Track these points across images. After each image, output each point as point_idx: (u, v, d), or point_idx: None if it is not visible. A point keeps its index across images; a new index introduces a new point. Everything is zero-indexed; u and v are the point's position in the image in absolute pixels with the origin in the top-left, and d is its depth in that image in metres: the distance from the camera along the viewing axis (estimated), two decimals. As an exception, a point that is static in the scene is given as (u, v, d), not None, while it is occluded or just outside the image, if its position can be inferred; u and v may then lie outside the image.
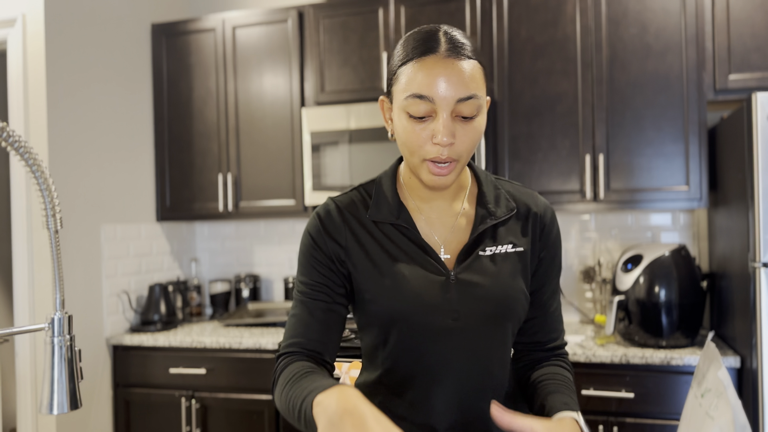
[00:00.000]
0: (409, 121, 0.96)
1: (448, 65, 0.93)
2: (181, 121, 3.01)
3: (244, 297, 3.14)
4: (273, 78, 2.86)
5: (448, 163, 0.96)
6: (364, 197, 1.09)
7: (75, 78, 2.63)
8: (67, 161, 2.57)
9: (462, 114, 0.94)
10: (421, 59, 0.95)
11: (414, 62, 0.95)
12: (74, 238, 2.60)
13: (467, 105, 0.94)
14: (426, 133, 0.95)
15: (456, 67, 0.93)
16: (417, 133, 0.96)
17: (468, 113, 0.95)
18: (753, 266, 1.98)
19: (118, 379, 2.75)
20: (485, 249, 1.04)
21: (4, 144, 0.76)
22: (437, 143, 0.94)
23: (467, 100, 0.94)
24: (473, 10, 2.58)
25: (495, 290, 1.01)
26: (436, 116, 0.94)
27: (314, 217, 1.09)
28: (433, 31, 0.97)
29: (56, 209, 0.82)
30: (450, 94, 0.93)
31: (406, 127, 0.97)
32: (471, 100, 0.94)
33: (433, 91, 0.93)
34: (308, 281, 1.06)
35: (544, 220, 1.09)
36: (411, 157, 0.99)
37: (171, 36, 3.03)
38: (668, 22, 2.39)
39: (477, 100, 0.95)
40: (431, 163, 0.96)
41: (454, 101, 0.93)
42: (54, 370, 0.84)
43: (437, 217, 1.07)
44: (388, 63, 1.03)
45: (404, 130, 0.97)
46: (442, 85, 0.93)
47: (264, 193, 2.88)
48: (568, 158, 2.49)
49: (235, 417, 2.57)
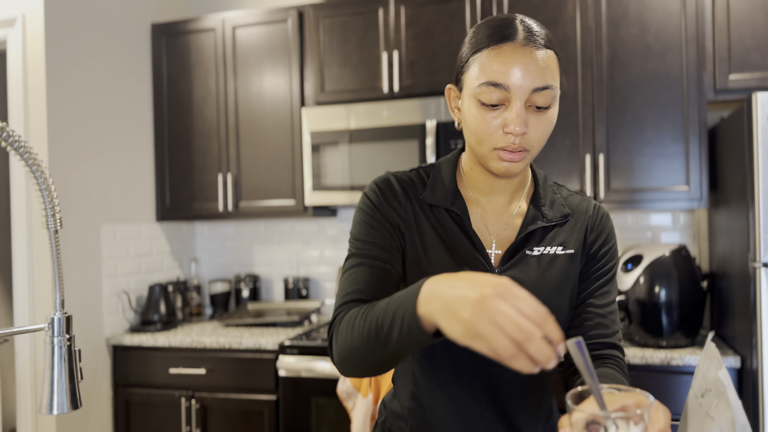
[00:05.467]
0: (480, 109, 0.94)
1: (525, 54, 0.91)
2: (181, 121, 3.01)
3: (244, 297, 3.14)
4: (273, 78, 2.86)
5: (519, 153, 0.94)
6: (422, 178, 1.07)
7: (75, 78, 2.63)
8: (67, 161, 2.57)
9: (536, 104, 0.92)
10: (497, 47, 0.93)
11: (489, 50, 0.93)
12: (74, 238, 2.60)
13: (542, 95, 0.92)
14: (498, 121, 0.93)
15: (533, 56, 0.92)
16: (488, 121, 0.93)
17: (542, 103, 0.93)
18: (753, 266, 1.98)
19: (118, 379, 2.75)
20: (533, 249, 1.02)
21: (4, 144, 0.75)
22: (509, 132, 0.92)
23: (542, 90, 0.92)
24: (473, 10, 2.58)
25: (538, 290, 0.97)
26: (510, 105, 0.92)
27: (373, 186, 1.05)
28: (509, 19, 0.96)
29: (56, 209, 0.81)
30: (526, 83, 0.91)
31: (477, 115, 0.94)
32: (546, 90, 0.92)
33: (509, 79, 0.91)
34: (365, 239, 1.01)
35: (599, 223, 1.07)
36: (479, 146, 0.96)
37: (171, 36, 3.02)
38: (668, 22, 2.39)
39: (552, 90, 0.93)
40: (502, 151, 0.94)
41: (529, 90, 0.91)
42: (54, 370, 0.84)
43: (493, 212, 1.05)
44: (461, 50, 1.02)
45: (474, 118, 0.95)
46: (518, 74, 0.91)
47: (264, 193, 2.88)
48: (568, 158, 2.49)
49: (235, 417, 2.57)
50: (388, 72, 2.68)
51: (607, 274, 1.06)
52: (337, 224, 3.16)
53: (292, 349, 2.46)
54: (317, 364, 2.38)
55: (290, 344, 2.46)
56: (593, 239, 1.06)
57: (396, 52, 2.66)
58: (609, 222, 1.08)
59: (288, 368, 2.43)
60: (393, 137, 2.59)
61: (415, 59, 2.65)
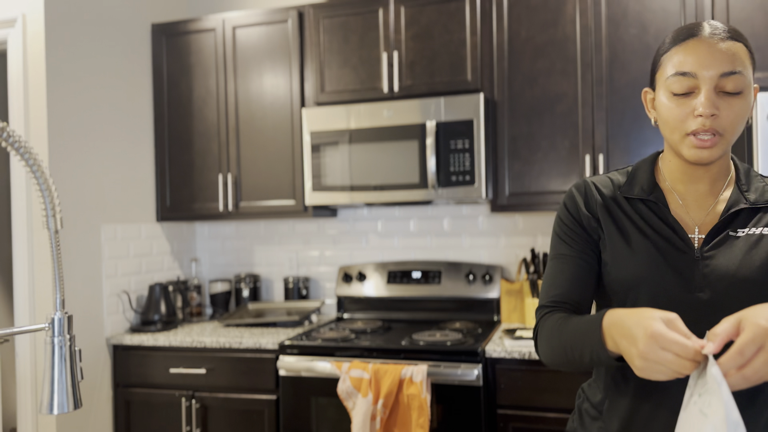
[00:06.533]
0: (671, 99, 1.02)
1: (710, 44, 0.99)
2: (181, 121, 3.01)
3: (244, 297, 3.14)
4: (273, 78, 2.86)
5: (712, 136, 0.98)
6: (620, 177, 1.16)
7: (75, 78, 2.63)
8: (67, 161, 2.57)
9: (725, 89, 0.98)
10: (685, 42, 1.02)
11: (677, 46, 1.02)
12: (74, 238, 2.60)
13: (731, 80, 0.98)
14: (688, 108, 1.00)
15: (718, 45, 0.99)
16: (679, 108, 1.00)
17: (731, 89, 0.98)
18: (753, 266, 1.98)
19: (118, 379, 2.75)
20: (737, 231, 1.04)
21: (5, 144, 0.76)
22: (699, 115, 0.97)
23: (730, 75, 0.97)
24: (473, 10, 2.59)
25: (744, 270, 1.00)
26: (699, 91, 0.99)
27: (569, 191, 1.18)
28: (697, 22, 1.04)
29: (56, 209, 0.82)
30: (712, 69, 0.97)
31: (669, 105, 1.02)
32: (734, 75, 0.98)
33: (695, 66, 0.98)
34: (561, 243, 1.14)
35: None
36: (672, 134, 1.03)
37: (171, 36, 3.03)
38: (668, 23, 2.39)
39: (741, 76, 0.98)
40: (693, 137, 0.99)
41: (717, 76, 0.97)
42: (54, 370, 0.84)
43: (694, 200, 1.09)
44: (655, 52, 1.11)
45: (667, 108, 1.03)
46: (704, 61, 0.98)
47: (264, 193, 2.88)
48: (568, 158, 2.50)
49: (235, 417, 2.57)
50: (388, 72, 2.68)
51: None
52: (338, 224, 3.16)
53: (292, 348, 2.46)
54: (317, 364, 2.38)
55: (290, 344, 2.46)
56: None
57: (396, 53, 2.67)
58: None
59: (288, 368, 2.44)
60: (393, 137, 2.60)
61: (415, 59, 2.66)
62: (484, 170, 2.51)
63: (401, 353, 2.32)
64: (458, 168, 2.52)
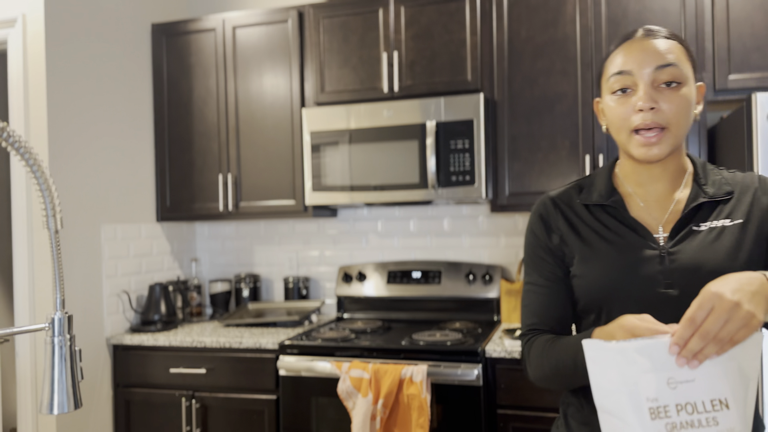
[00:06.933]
0: (614, 99, 1.06)
1: (644, 42, 1.04)
2: (181, 121, 3.01)
3: (244, 297, 3.14)
4: (273, 78, 2.86)
5: (655, 131, 1.02)
6: (580, 186, 1.19)
7: (75, 78, 2.63)
8: (67, 161, 2.58)
9: (663, 81, 1.02)
10: (621, 45, 1.07)
11: (616, 50, 1.08)
12: (74, 238, 2.60)
13: (665, 72, 1.02)
14: (629, 105, 1.04)
15: (652, 43, 1.04)
16: (622, 107, 1.05)
17: (667, 79, 1.02)
18: (753, 266, 1.98)
19: (119, 379, 2.75)
20: (699, 225, 1.06)
21: (5, 144, 0.76)
22: (639, 109, 1.01)
23: (665, 68, 1.02)
24: (473, 10, 2.59)
25: (710, 262, 1.02)
26: (637, 88, 1.03)
27: (531, 214, 1.20)
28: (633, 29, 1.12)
29: (56, 209, 0.82)
30: (647, 64, 1.02)
31: (612, 105, 1.07)
32: (669, 67, 1.02)
33: (631, 64, 1.03)
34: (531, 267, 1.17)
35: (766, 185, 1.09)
36: (619, 133, 1.07)
37: (171, 36, 3.03)
38: (668, 23, 2.39)
39: (676, 68, 1.02)
40: (639, 136, 1.03)
41: (652, 70, 1.02)
42: (54, 370, 0.84)
43: (655, 200, 1.11)
44: None
45: (610, 108, 1.07)
46: (638, 57, 1.03)
47: (264, 193, 2.88)
48: (568, 158, 2.50)
49: (235, 417, 2.57)
50: (388, 72, 2.68)
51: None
52: (338, 224, 3.17)
53: (292, 348, 2.46)
54: (317, 364, 2.38)
55: (290, 344, 2.47)
56: None
57: (396, 53, 2.67)
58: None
59: (288, 368, 2.44)
60: (393, 137, 2.60)
61: (415, 59, 2.66)
62: (484, 170, 2.51)
63: (401, 353, 2.32)
64: (458, 168, 2.52)
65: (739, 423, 0.81)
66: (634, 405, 0.82)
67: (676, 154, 1.09)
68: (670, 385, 0.83)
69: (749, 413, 0.86)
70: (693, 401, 0.82)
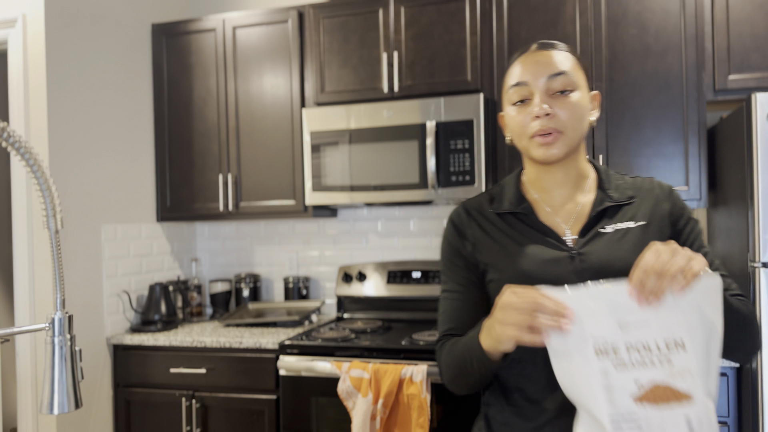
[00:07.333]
0: (513, 109, 1.13)
1: (538, 54, 1.12)
2: (182, 121, 3.01)
3: (244, 297, 3.15)
4: (273, 78, 2.86)
5: (552, 135, 1.08)
6: (491, 195, 1.24)
7: (75, 78, 2.64)
8: (67, 161, 2.58)
9: (556, 89, 1.09)
10: (517, 59, 1.14)
11: (513, 64, 1.15)
12: (75, 238, 2.60)
13: (558, 80, 1.09)
14: (527, 114, 1.10)
15: (545, 54, 1.11)
16: (521, 116, 1.11)
17: (560, 87, 1.09)
18: (753, 266, 1.98)
19: (119, 379, 2.75)
20: (605, 227, 1.13)
21: (5, 144, 0.76)
22: (536, 115, 1.08)
23: (557, 76, 1.09)
24: (473, 11, 2.59)
25: (618, 261, 1.07)
26: (534, 97, 1.10)
27: (447, 222, 1.25)
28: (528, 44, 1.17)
29: (57, 209, 0.82)
30: (540, 74, 1.09)
31: (512, 114, 1.13)
32: (561, 75, 1.09)
33: (527, 75, 1.10)
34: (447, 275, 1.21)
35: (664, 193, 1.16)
36: (520, 140, 1.13)
37: (171, 36, 3.03)
38: (668, 23, 2.39)
39: (568, 76, 1.09)
40: (536, 138, 1.09)
41: (545, 78, 1.09)
42: (54, 370, 0.84)
43: (561, 205, 1.17)
44: None
45: (511, 118, 1.14)
46: (533, 68, 1.10)
47: (264, 193, 2.88)
48: (568, 158, 2.49)
49: (236, 417, 2.57)
50: (388, 72, 2.68)
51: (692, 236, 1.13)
52: (338, 224, 3.17)
53: (292, 348, 2.46)
54: (317, 364, 2.38)
55: (290, 344, 2.47)
56: (669, 207, 1.15)
57: (396, 53, 2.67)
58: (677, 196, 1.17)
59: (288, 368, 2.44)
60: (393, 137, 2.60)
61: (415, 59, 2.66)
62: (484, 170, 2.51)
63: (401, 353, 2.33)
64: (458, 168, 2.52)
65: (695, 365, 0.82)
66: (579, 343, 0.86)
67: (576, 160, 1.16)
68: (621, 328, 0.85)
69: (713, 364, 0.87)
70: (646, 342, 0.84)
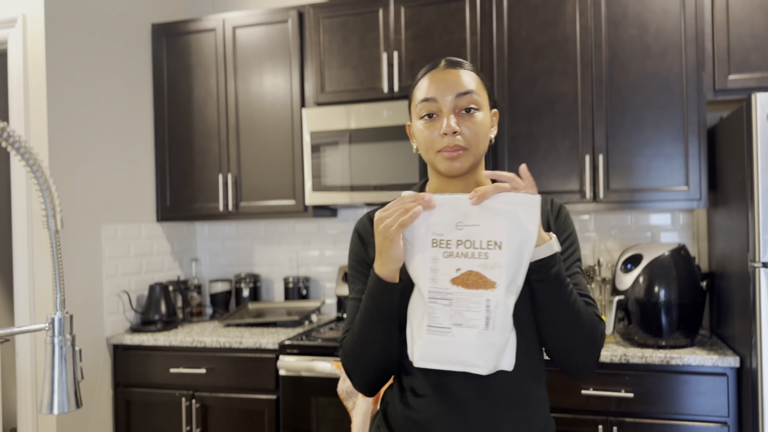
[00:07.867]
0: (422, 123, 1.18)
1: (446, 72, 1.17)
2: (182, 121, 3.01)
3: (244, 297, 3.15)
4: (273, 78, 2.86)
5: (458, 151, 1.14)
6: None
7: (75, 78, 2.63)
8: (67, 161, 2.58)
9: (463, 108, 1.15)
10: (427, 74, 1.19)
11: (422, 78, 1.20)
12: (75, 238, 2.60)
13: (464, 99, 1.15)
14: (435, 129, 1.16)
15: (453, 73, 1.17)
16: (428, 130, 1.16)
17: (466, 105, 1.15)
18: (753, 266, 1.98)
19: (119, 379, 2.75)
20: None
21: (5, 144, 0.76)
22: (444, 133, 1.13)
23: (464, 95, 1.15)
24: (473, 10, 2.59)
25: None
26: (442, 114, 1.15)
27: (353, 231, 1.29)
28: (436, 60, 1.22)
29: (56, 209, 0.82)
30: (448, 92, 1.15)
31: (421, 129, 1.18)
32: (468, 95, 1.15)
33: (435, 92, 1.15)
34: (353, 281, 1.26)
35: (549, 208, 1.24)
36: (428, 153, 1.18)
37: (171, 36, 3.03)
38: (668, 23, 2.39)
39: (474, 95, 1.15)
40: (443, 153, 1.15)
41: (453, 97, 1.14)
42: (54, 370, 0.84)
43: None
44: None
45: (420, 132, 1.18)
46: (442, 86, 1.15)
47: (264, 193, 2.88)
48: (568, 158, 2.50)
49: (235, 417, 2.57)
50: (388, 72, 2.68)
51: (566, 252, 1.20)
52: (338, 224, 3.17)
53: (292, 348, 2.46)
54: (317, 364, 2.38)
55: (290, 344, 2.47)
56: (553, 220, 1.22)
57: (396, 53, 2.67)
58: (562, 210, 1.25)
59: (288, 368, 2.44)
60: (393, 137, 2.60)
61: (415, 59, 2.66)
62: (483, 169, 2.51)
63: (401, 353, 2.32)
64: (458, 168, 2.52)
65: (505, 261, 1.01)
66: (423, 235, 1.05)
67: (476, 173, 1.22)
68: (458, 227, 1.04)
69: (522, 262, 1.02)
70: (473, 239, 1.03)
